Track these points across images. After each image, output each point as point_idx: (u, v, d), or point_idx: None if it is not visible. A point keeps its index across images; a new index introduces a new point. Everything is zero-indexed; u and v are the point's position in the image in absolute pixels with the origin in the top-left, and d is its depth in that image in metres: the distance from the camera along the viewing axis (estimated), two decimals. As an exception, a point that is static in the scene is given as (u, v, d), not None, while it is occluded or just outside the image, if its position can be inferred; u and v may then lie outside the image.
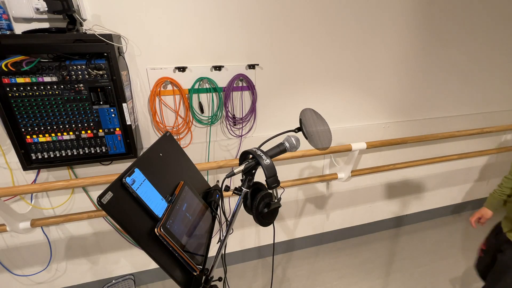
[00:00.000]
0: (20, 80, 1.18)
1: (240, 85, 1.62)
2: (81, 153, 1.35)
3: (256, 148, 0.83)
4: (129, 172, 0.72)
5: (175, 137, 1.53)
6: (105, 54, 1.21)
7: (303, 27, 1.61)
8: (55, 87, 1.22)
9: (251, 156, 0.81)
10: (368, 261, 2.20)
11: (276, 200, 0.86)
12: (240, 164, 0.83)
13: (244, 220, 2.04)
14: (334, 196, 2.20)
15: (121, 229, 0.91)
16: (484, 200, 1.62)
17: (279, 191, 0.97)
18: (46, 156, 1.31)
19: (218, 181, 1.82)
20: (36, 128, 1.26)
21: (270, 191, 0.85)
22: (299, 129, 0.98)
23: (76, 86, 1.24)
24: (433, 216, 2.69)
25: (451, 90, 2.12)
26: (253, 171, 0.84)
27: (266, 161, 0.78)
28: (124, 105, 1.30)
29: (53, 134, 1.29)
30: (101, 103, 1.29)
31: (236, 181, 1.83)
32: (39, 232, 1.64)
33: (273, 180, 0.78)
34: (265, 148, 0.85)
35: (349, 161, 1.93)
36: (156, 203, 0.77)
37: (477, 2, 1.87)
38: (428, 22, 1.82)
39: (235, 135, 1.73)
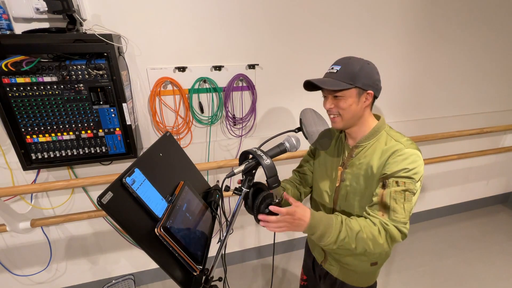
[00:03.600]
0: (20, 80, 1.18)
1: (240, 85, 1.62)
2: (81, 153, 1.35)
3: (256, 148, 0.83)
4: (129, 172, 0.72)
5: (175, 137, 1.53)
6: (105, 54, 1.21)
7: (303, 27, 1.61)
8: (55, 87, 1.22)
9: (251, 156, 0.81)
10: (368, 261, 2.20)
11: (277, 200, 0.86)
12: (240, 164, 0.83)
13: (244, 220, 2.04)
14: (334, 196, 2.20)
15: (121, 229, 0.91)
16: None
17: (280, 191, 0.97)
18: (46, 156, 1.31)
19: (218, 181, 1.82)
20: (36, 128, 1.26)
21: (271, 191, 0.85)
22: (299, 129, 0.98)
23: (76, 86, 1.24)
24: (432, 216, 2.69)
25: (451, 90, 2.12)
26: (253, 171, 0.83)
27: (267, 161, 0.78)
28: (124, 105, 1.30)
29: (53, 134, 1.29)
30: (101, 103, 1.29)
31: (236, 181, 1.83)
32: (39, 232, 1.64)
33: (273, 180, 0.78)
34: (265, 148, 0.85)
35: (349, 161, 1.92)
36: (156, 203, 0.77)
37: (477, 2, 1.87)
38: (427, 22, 1.82)
39: (235, 135, 1.73)
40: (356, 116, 0.90)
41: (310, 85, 0.91)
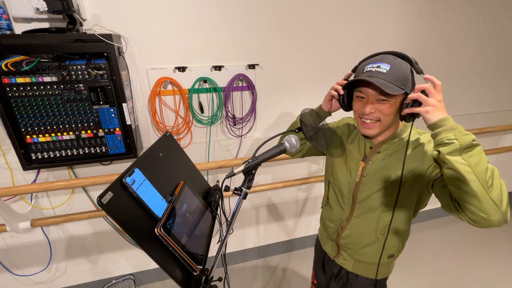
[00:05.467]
0: (20, 80, 1.18)
1: (240, 85, 1.62)
2: (81, 153, 1.35)
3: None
4: (129, 172, 0.72)
5: (175, 137, 1.53)
6: (105, 54, 1.21)
7: (303, 26, 1.61)
8: (55, 87, 1.22)
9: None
10: (368, 261, 2.20)
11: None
12: None
13: (244, 220, 2.04)
14: (334, 196, 2.20)
15: (121, 229, 0.91)
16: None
17: None
18: (46, 156, 1.31)
19: (218, 181, 1.82)
20: (36, 128, 1.26)
21: None
22: (299, 129, 0.98)
23: (76, 86, 1.24)
24: (433, 216, 2.69)
25: (451, 90, 2.12)
26: (253, 171, 0.84)
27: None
28: (124, 105, 1.30)
29: (53, 134, 1.29)
30: (101, 103, 1.29)
31: (236, 181, 1.83)
32: (39, 232, 1.64)
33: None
34: (265, 148, 0.86)
35: (349, 161, 1.93)
36: (156, 203, 0.77)
37: (476, 2, 1.87)
38: (428, 22, 1.82)
39: (235, 135, 1.73)
40: (392, 122, 0.85)
41: (353, 83, 0.83)
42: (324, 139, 1.08)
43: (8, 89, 1.18)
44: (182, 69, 1.48)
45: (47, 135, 1.28)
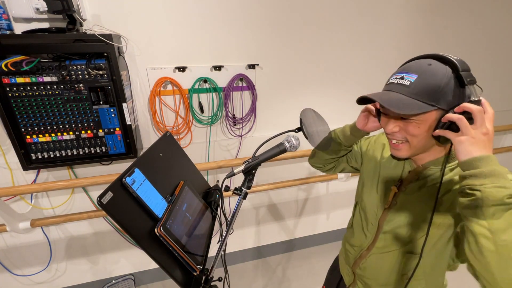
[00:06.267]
0: (20, 80, 1.18)
1: (240, 85, 1.62)
2: (81, 153, 1.35)
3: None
4: (129, 172, 0.72)
5: (175, 137, 1.52)
6: (105, 54, 1.21)
7: (304, 26, 1.61)
8: (55, 87, 1.22)
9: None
10: (368, 261, 2.20)
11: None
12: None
13: (244, 220, 2.04)
14: (334, 196, 2.20)
15: (121, 229, 0.91)
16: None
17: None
18: (46, 156, 1.31)
19: (218, 181, 1.82)
20: (36, 128, 1.26)
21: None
22: (299, 129, 0.98)
23: (76, 86, 1.24)
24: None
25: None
26: (253, 171, 0.84)
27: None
28: (124, 105, 1.30)
29: (53, 134, 1.29)
30: (101, 103, 1.29)
31: (236, 181, 1.83)
32: (39, 232, 1.64)
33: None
34: (265, 148, 0.86)
35: (349, 161, 1.92)
36: (156, 203, 0.77)
37: (477, 4, 1.87)
38: (428, 23, 1.82)
39: (235, 135, 1.73)
40: (430, 143, 0.66)
41: (366, 99, 0.70)
42: (360, 156, 0.97)
43: (8, 89, 1.18)
44: (182, 69, 1.48)
45: (47, 135, 1.28)
